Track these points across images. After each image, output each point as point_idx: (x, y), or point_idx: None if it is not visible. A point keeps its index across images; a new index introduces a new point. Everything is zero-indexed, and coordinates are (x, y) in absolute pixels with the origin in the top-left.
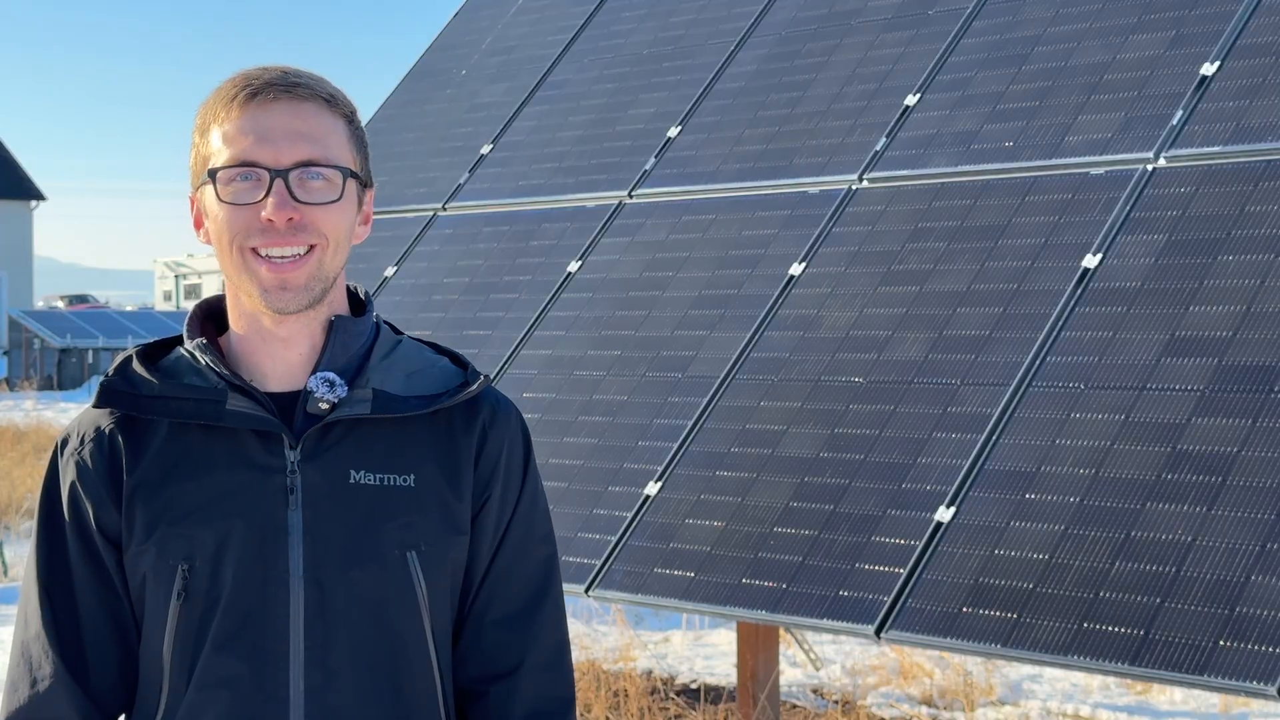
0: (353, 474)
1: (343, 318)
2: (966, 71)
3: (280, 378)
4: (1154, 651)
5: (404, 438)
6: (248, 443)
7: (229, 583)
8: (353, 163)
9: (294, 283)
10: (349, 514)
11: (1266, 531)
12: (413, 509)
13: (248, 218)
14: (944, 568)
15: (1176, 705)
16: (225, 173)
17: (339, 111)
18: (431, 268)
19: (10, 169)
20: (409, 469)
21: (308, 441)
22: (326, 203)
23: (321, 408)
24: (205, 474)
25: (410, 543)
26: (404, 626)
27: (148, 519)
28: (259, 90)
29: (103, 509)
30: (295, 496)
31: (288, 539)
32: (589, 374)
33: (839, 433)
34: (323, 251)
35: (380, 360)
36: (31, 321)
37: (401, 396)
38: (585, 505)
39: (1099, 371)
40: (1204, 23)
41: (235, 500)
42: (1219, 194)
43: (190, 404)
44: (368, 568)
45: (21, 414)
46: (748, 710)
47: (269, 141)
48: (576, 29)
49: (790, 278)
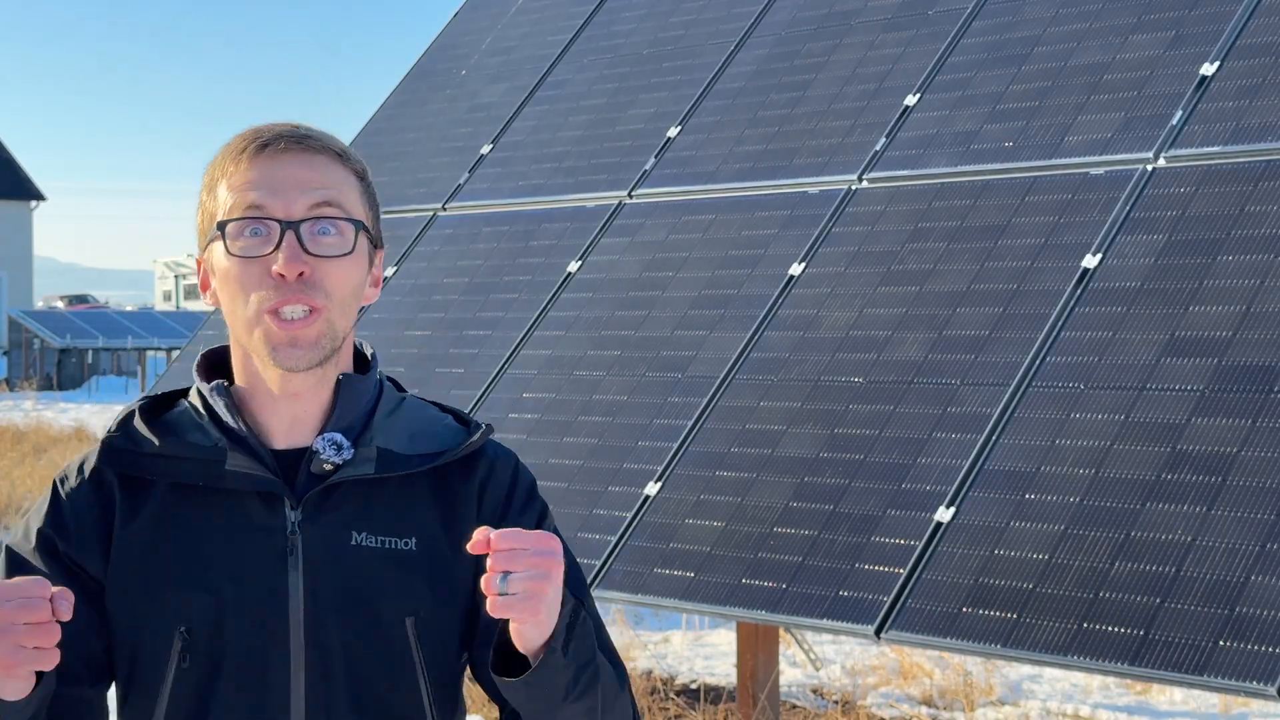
0: (354, 536)
1: (350, 376)
2: (966, 71)
3: (285, 435)
4: (1154, 651)
5: (406, 499)
6: (248, 502)
7: (228, 646)
8: (365, 219)
9: (304, 340)
10: (349, 577)
11: (1266, 531)
12: (413, 573)
13: (258, 271)
14: (944, 568)
15: (1176, 705)
16: (234, 225)
17: (350, 167)
18: (431, 268)
19: (10, 169)
20: (410, 532)
21: (309, 502)
22: (338, 255)
23: (325, 468)
24: (204, 534)
25: (409, 609)
26: (401, 691)
27: (145, 581)
28: (269, 142)
29: (85, 548)
30: (295, 558)
31: (287, 602)
32: (589, 374)
33: (839, 433)
34: (328, 311)
35: (384, 418)
36: (31, 321)
37: (405, 455)
38: (585, 505)
39: (1099, 371)
40: (1204, 23)
41: (234, 562)
42: (1219, 194)
43: (190, 463)
44: (366, 633)
45: (21, 414)
46: (748, 710)
47: (279, 192)
48: (576, 29)
49: (790, 278)
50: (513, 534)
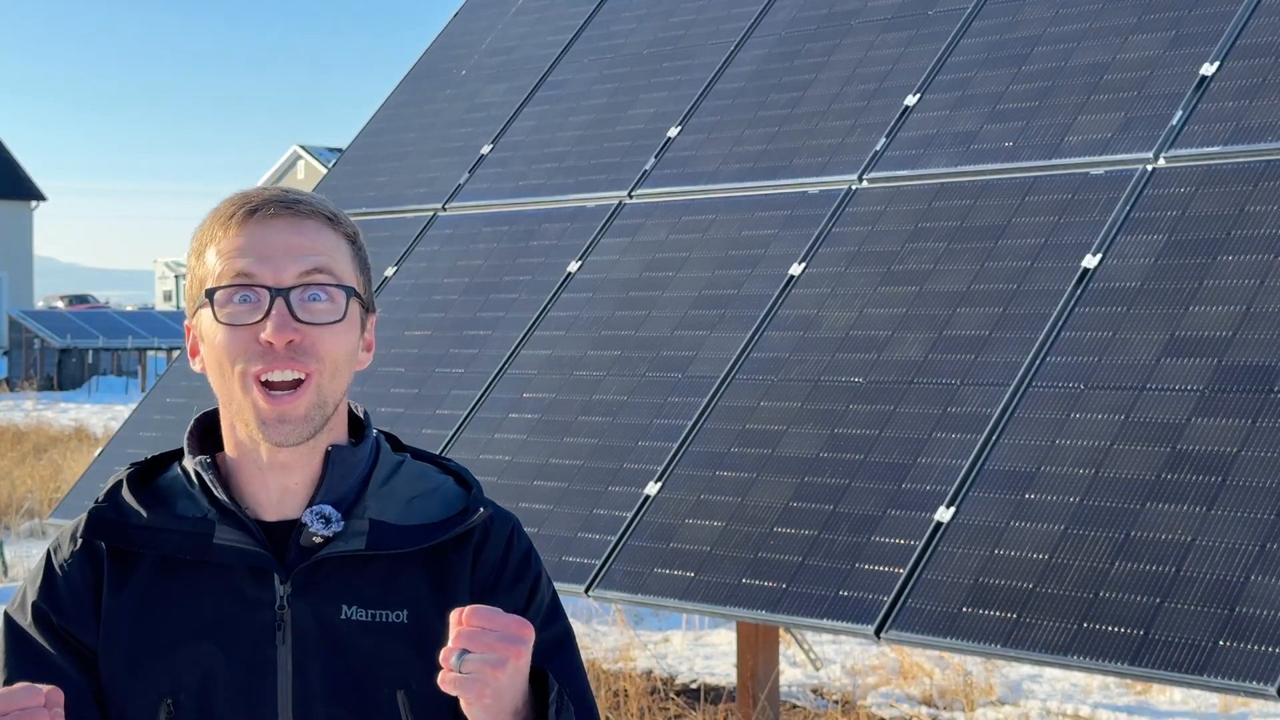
0: (344, 610)
1: (340, 448)
2: (966, 71)
3: (274, 507)
4: (1154, 651)
5: (398, 571)
6: (237, 575)
7: (216, 718)
8: (356, 283)
9: (292, 415)
10: (338, 652)
11: (1266, 531)
12: (404, 647)
13: (246, 339)
14: (944, 568)
15: (1176, 705)
16: (223, 293)
17: (341, 231)
18: (431, 268)
19: (10, 169)
20: (402, 605)
21: (298, 577)
22: (329, 323)
23: (315, 541)
24: (192, 606)
25: (400, 682)
26: None
27: (131, 651)
28: (258, 207)
29: (79, 619)
30: (284, 633)
31: (275, 677)
32: (589, 374)
33: (839, 433)
34: (319, 379)
35: (379, 486)
36: (31, 321)
37: (398, 529)
38: (585, 505)
39: (1099, 371)
40: (1204, 23)
41: (222, 634)
42: (1219, 194)
43: (178, 536)
44: (356, 708)
45: (21, 414)
46: (748, 710)
47: (269, 260)
48: (576, 29)
49: (790, 278)
50: (484, 613)
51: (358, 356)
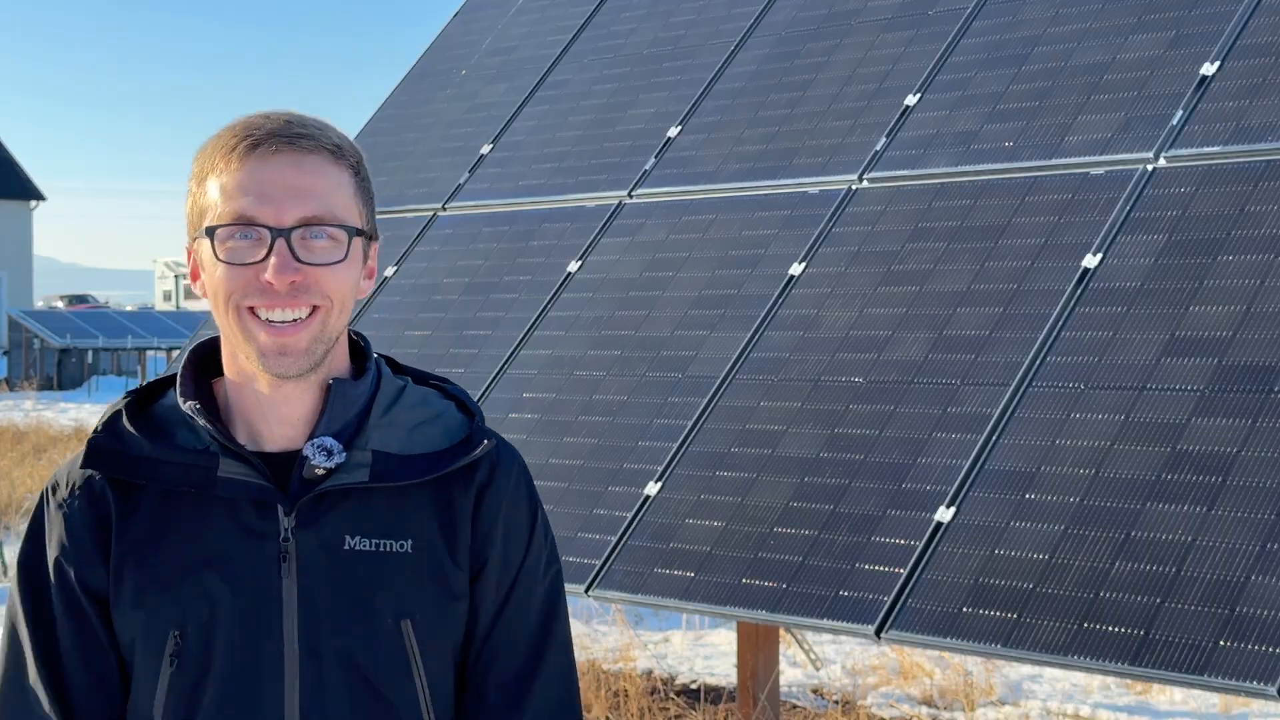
0: (348, 540)
1: (341, 382)
2: (966, 72)
3: (276, 439)
4: (1154, 651)
5: (402, 501)
6: (241, 507)
7: (221, 649)
8: (359, 217)
9: (294, 348)
10: (344, 581)
11: (1266, 531)
12: (409, 576)
13: (247, 278)
14: (944, 568)
15: (1176, 705)
16: (224, 230)
17: (345, 163)
18: (431, 268)
19: (10, 169)
20: (406, 534)
21: (302, 508)
22: (330, 263)
23: (318, 473)
24: (197, 537)
25: (405, 611)
26: (399, 695)
27: (138, 582)
28: (260, 141)
29: (89, 567)
30: (289, 564)
31: (281, 607)
32: (589, 374)
33: (839, 433)
34: (326, 314)
35: (380, 416)
36: (31, 321)
37: (401, 459)
38: (585, 505)
39: (1099, 371)
40: (1204, 23)
41: (228, 566)
42: (1219, 194)
43: (180, 469)
44: (362, 636)
45: (21, 414)
46: (748, 710)
47: (270, 199)
48: (576, 29)
49: (790, 278)
50: None
51: (359, 287)
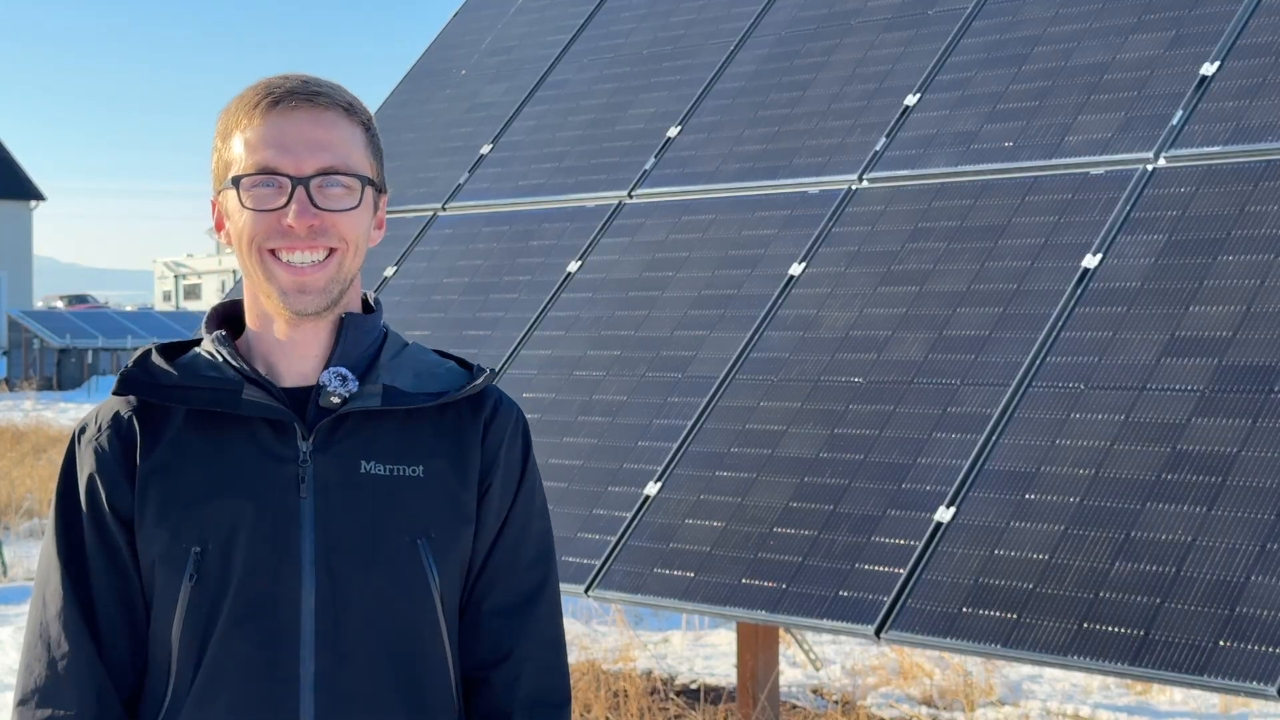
0: (363, 464)
1: (354, 315)
2: (966, 71)
3: (294, 375)
4: (1154, 651)
5: (413, 431)
6: (261, 432)
7: (240, 567)
8: (370, 169)
9: (313, 286)
10: (360, 503)
11: (1266, 531)
12: (422, 498)
13: (270, 222)
14: (944, 568)
15: (1176, 705)
16: (248, 179)
17: (357, 119)
18: (431, 268)
19: (10, 169)
20: (418, 460)
21: (320, 433)
22: (346, 209)
23: (334, 401)
24: (219, 459)
25: (420, 530)
26: (417, 612)
27: (160, 501)
28: (280, 99)
29: (117, 492)
30: (307, 485)
31: (300, 527)
32: (589, 374)
33: (839, 433)
34: (342, 255)
35: (390, 359)
36: (31, 321)
37: (410, 392)
38: (585, 505)
39: (1099, 371)
40: (1204, 23)
41: (248, 486)
42: (1219, 194)
43: (208, 393)
44: (378, 555)
45: (21, 414)
46: (748, 710)
47: (290, 150)
48: (576, 29)
49: (790, 278)
50: None
51: (370, 234)
